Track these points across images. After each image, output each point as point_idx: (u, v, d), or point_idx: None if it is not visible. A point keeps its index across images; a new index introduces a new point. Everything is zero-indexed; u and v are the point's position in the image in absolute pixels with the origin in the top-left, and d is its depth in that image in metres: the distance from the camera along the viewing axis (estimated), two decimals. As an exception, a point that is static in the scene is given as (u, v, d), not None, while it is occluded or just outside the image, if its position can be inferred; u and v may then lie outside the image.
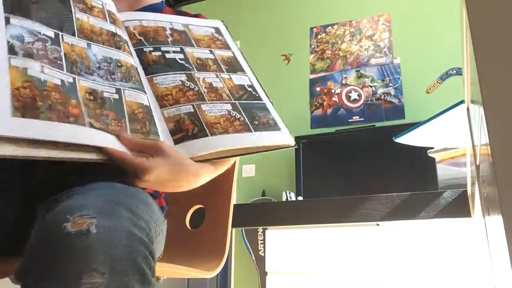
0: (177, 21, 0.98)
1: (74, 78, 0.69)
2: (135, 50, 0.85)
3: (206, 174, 0.80)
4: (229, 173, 1.08)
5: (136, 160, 0.67)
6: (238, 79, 0.93)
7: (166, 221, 0.86)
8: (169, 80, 0.82)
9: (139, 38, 0.88)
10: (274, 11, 3.87)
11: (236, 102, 0.87)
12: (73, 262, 0.53)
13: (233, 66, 0.97)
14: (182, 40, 0.94)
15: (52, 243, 0.55)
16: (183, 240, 1.03)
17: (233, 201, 1.05)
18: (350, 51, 3.51)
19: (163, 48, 0.89)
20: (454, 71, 3.17)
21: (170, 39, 0.92)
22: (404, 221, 1.25)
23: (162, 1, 1.11)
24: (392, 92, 3.28)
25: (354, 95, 3.39)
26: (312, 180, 3.12)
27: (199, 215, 1.10)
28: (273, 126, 0.87)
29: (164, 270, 0.81)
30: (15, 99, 0.59)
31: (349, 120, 3.33)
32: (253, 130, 0.82)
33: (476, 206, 0.93)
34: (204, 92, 0.84)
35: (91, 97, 0.69)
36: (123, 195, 0.66)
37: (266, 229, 2.51)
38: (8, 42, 0.64)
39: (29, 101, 0.60)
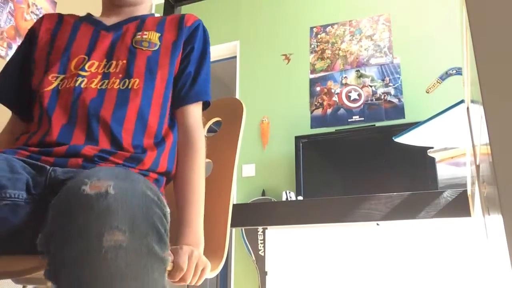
0: None
1: None
2: None
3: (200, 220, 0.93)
4: (228, 173, 1.08)
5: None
6: None
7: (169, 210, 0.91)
8: None
9: None
10: (274, 11, 3.87)
11: None
12: (94, 222, 0.55)
13: None
14: None
15: (73, 206, 0.58)
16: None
17: (232, 201, 1.06)
18: (350, 51, 3.51)
19: None
20: (454, 71, 3.17)
21: None
22: (404, 221, 1.25)
23: (152, 14, 1.17)
24: (392, 92, 3.28)
25: (354, 95, 3.39)
26: (312, 180, 3.12)
27: None
28: None
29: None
30: None
31: (349, 120, 3.33)
32: None
33: (476, 206, 0.93)
34: None
35: None
36: (127, 171, 0.72)
37: (266, 229, 2.51)
38: None
39: None
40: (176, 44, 1.05)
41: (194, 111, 1.05)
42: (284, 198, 2.98)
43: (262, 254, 3.14)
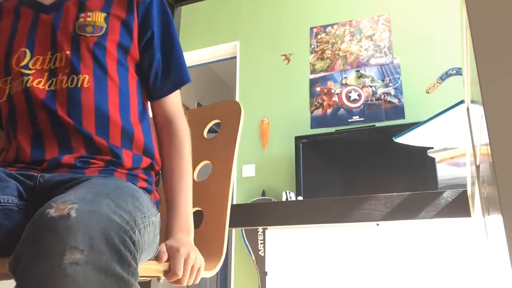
0: None
1: None
2: None
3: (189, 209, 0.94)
4: (226, 174, 1.09)
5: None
6: None
7: (159, 214, 0.89)
8: None
9: None
10: (274, 11, 3.87)
11: None
12: (56, 241, 0.57)
13: None
14: None
15: (39, 228, 0.60)
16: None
17: (230, 202, 1.06)
18: (350, 51, 3.51)
19: None
20: (454, 71, 3.17)
21: None
22: (404, 221, 1.25)
23: None
24: (392, 92, 3.28)
25: (354, 95, 3.38)
26: (312, 180, 3.12)
27: (196, 217, 1.11)
28: None
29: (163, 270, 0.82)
30: None
31: (349, 120, 3.33)
32: None
33: (476, 206, 0.93)
34: None
35: None
36: (112, 188, 0.72)
37: (266, 229, 2.51)
38: None
39: None
40: (126, 23, 0.94)
41: (173, 99, 1.00)
42: (284, 198, 2.98)
43: (262, 254, 3.14)
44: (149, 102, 1.03)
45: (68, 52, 0.89)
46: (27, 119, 0.88)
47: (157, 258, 0.82)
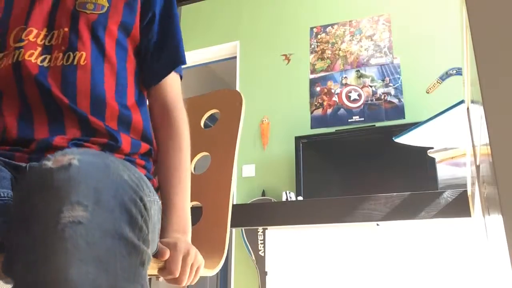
0: None
1: None
2: None
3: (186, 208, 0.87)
4: (227, 171, 1.05)
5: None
6: None
7: (160, 201, 0.85)
8: None
9: None
10: (274, 11, 3.87)
11: None
12: (52, 198, 0.48)
13: None
14: None
15: (32, 184, 0.51)
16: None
17: (232, 199, 1.03)
18: (350, 51, 3.51)
19: None
20: (454, 71, 3.17)
21: None
22: (404, 221, 1.25)
23: None
24: (392, 92, 3.28)
25: (354, 95, 3.38)
26: (312, 180, 3.12)
27: (194, 212, 1.09)
28: None
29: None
30: None
31: (349, 120, 3.33)
32: None
33: (476, 206, 0.93)
34: None
35: None
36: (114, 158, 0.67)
37: (266, 229, 2.51)
38: None
39: None
40: (130, 3, 0.91)
41: (172, 86, 0.94)
42: (284, 199, 2.98)
43: (262, 254, 3.14)
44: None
45: (66, 29, 0.84)
46: (16, 95, 0.80)
47: (157, 254, 0.74)
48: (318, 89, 3.51)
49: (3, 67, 0.82)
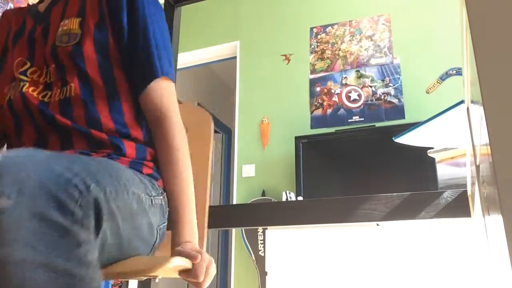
0: None
1: None
2: None
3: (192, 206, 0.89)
4: (202, 180, 1.07)
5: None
6: None
7: (163, 196, 0.89)
8: None
9: None
10: (274, 11, 3.87)
11: None
12: None
13: None
14: None
15: None
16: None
17: (208, 206, 1.05)
18: (350, 51, 3.51)
19: None
20: (454, 71, 3.17)
21: None
22: (404, 221, 1.25)
23: None
24: (392, 92, 3.28)
25: (354, 95, 3.38)
26: (312, 180, 3.12)
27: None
28: None
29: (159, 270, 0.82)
30: None
31: (349, 120, 3.33)
32: None
33: (476, 206, 0.93)
34: None
35: None
36: (87, 159, 0.68)
37: (266, 229, 2.51)
38: None
39: None
40: (100, 22, 0.91)
41: (160, 93, 0.91)
42: (284, 199, 2.98)
43: (262, 255, 3.14)
44: None
45: (53, 66, 0.89)
46: (30, 122, 0.88)
47: (190, 256, 0.78)
48: (318, 89, 3.51)
49: (14, 97, 0.90)
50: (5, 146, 0.96)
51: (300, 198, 3.04)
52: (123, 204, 0.70)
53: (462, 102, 1.14)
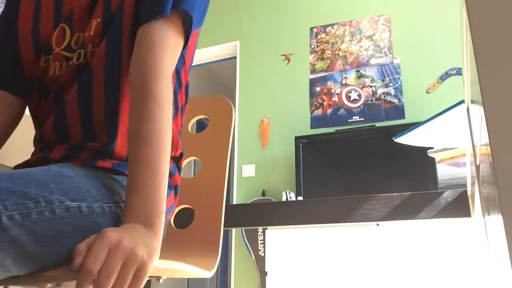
0: None
1: None
2: None
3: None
4: (220, 173, 1.05)
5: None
6: None
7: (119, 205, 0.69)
8: None
9: None
10: (274, 11, 3.87)
11: None
12: None
13: None
14: None
15: None
16: (171, 240, 1.02)
17: (224, 201, 1.04)
18: (350, 51, 3.51)
19: None
20: (454, 71, 3.17)
21: None
22: (404, 221, 1.25)
23: None
24: (392, 92, 3.28)
25: (354, 95, 3.38)
26: (312, 180, 3.12)
27: (186, 215, 1.09)
28: None
29: (163, 269, 0.81)
30: None
31: (349, 120, 3.33)
32: None
33: (476, 206, 0.93)
34: None
35: None
36: (43, 174, 0.60)
37: (266, 229, 2.51)
38: None
39: None
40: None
41: (155, 30, 0.74)
42: (284, 199, 2.98)
43: (262, 254, 3.14)
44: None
45: (99, 20, 0.80)
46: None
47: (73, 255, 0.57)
48: (318, 89, 3.51)
49: (64, 74, 0.82)
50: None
51: (300, 198, 3.04)
52: (39, 228, 0.56)
53: (462, 102, 1.14)
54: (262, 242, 3.19)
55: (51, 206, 0.56)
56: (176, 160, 0.88)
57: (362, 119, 3.30)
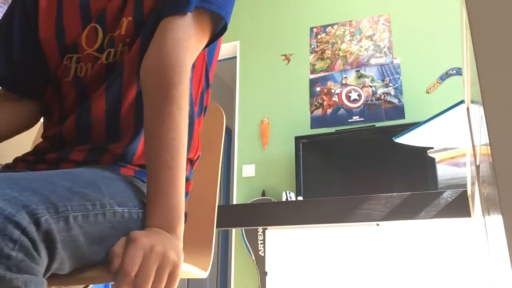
0: None
1: None
2: None
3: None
4: (212, 176, 1.05)
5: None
6: None
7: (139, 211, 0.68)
8: None
9: None
10: (274, 11, 3.87)
11: None
12: None
13: None
14: None
15: None
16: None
17: (217, 203, 1.04)
18: (350, 51, 3.52)
19: None
20: (454, 71, 3.17)
21: None
22: (404, 221, 1.25)
23: None
24: (392, 92, 3.28)
25: (354, 95, 3.39)
26: (312, 180, 3.12)
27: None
28: None
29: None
30: None
31: (349, 120, 3.33)
32: None
33: (476, 206, 0.93)
34: None
35: None
36: (58, 173, 0.60)
37: (266, 229, 2.52)
38: None
39: None
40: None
41: (178, 26, 0.72)
42: (284, 199, 2.98)
43: (262, 254, 3.14)
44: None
45: (130, 19, 0.79)
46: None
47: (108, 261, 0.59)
48: (318, 89, 3.51)
49: (89, 75, 0.81)
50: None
51: (300, 198, 3.04)
52: (94, 229, 0.58)
53: (462, 102, 1.14)
54: (262, 242, 3.19)
55: (103, 209, 0.59)
56: (192, 163, 0.87)
57: (362, 119, 3.30)
